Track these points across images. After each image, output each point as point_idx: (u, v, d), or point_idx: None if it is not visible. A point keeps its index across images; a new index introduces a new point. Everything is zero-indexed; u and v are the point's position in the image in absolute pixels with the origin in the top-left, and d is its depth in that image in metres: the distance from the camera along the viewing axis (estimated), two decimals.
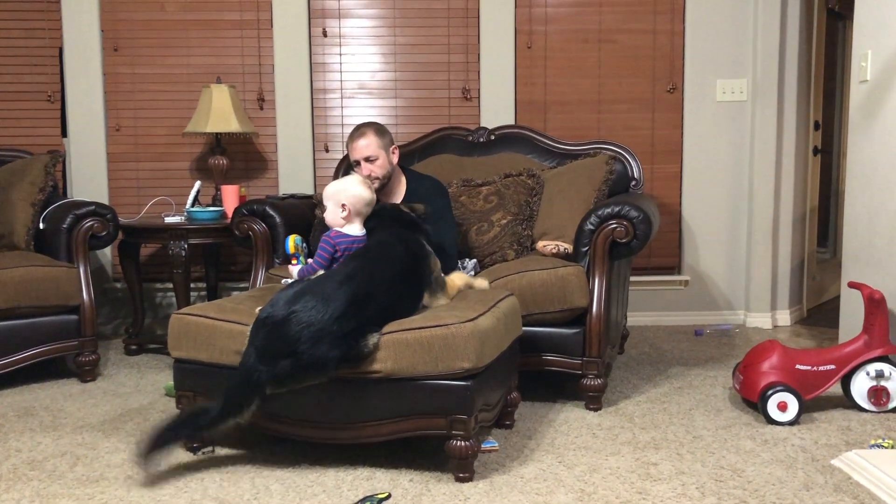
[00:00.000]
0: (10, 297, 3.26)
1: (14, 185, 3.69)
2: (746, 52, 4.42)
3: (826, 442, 2.67)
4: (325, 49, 4.41)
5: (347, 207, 2.74)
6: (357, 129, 3.16)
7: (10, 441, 2.76)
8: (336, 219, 2.76)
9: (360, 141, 3.11)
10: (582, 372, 3.02)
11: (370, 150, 3.11)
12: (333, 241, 2.71)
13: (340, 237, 2.73)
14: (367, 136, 3.12)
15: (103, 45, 4.34)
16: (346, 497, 2.27)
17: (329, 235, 2.74)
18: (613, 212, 3.08)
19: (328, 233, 2.75)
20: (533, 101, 4.45)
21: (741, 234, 4.53)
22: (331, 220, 2.77)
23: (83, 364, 3.47)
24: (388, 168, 3.14)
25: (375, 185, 3.07)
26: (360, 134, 3.13)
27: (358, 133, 3.13)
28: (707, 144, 4.49)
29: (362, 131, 3.13)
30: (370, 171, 3.09)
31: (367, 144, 3.11)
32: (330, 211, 2.77)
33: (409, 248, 2.62)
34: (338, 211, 2.75)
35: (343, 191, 2.76)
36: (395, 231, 2.70)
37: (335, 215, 2.76)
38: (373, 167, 3.11)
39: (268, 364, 2.28)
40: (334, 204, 2.76)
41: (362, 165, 3.11)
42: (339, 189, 2.77)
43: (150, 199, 4.25)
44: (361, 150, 3.11)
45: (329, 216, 2.78)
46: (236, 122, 4.01)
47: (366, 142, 3.11)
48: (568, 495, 2.28)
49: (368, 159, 3.10)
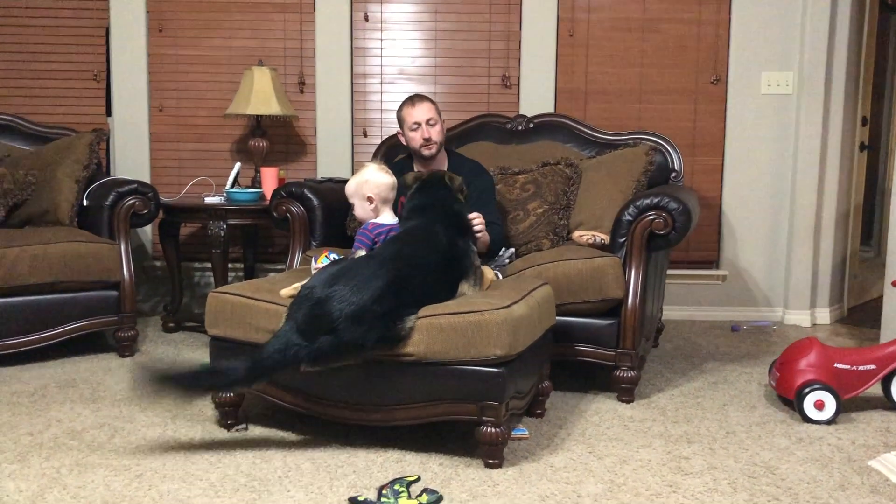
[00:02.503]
0: (53, 271, 3.33)
1: (60, 163, 3.76)
2: (793, 44, 4.33)
3: (864, 443, 2.62)
4: (366, 34, 4.41)
5: (373, 198, 2.76)
6: (413, 97, 3.28)
7: (51, 411, 2.83)
8: (366, 212, 2.78)
9: (422, 104, 3.22)
10: (615, 364, 3.01)
11: (432, 112, 3.21)
12: (372, 234, 2.73)
13: (377, 227, 2.75)
14: (427, 102, 3.24)
15: (148, 26, 4.39)
16: (375, 478, 2.29)
17: (366, 228, 2.76)
18: (652, 203, 3.04)
19: (364, 225, 2.77)
20: (573, 90, 4.41)
21: (782, 230, 4.45)
22: (362, 215, 2.80)
23: (122, 339, 3.54)
24: (443, 137, 3.24)
25: (432, 150, 3.18)
26: (420, 99, 3.24)
27: (418, 99, 3.25)
28: (750, 138, 4.41)
29: (421, 98, 3.26)
30: (430, 135, 3.17)
31: (429, 108, 3.22)
32: (358, 206, 2.80)
33: (451, 237, 2.62)
34: (366, 205, 2.77)
35: (364, 183, 2.78)
36: (438, 216, 2.69)
37: (364, 209, 2.78)
38: (432, 131, 3.19)
39: (308, 339, 2.31)
40: (360, 199, 2.78)
41: (423, 128, 3.18)
42: (360, 182, 2.79)
43: (190, 180, 4.31)
44: (424, 112, 3.20)
45: (359, 212, 2.81)
46: (277, 104, 4.04)
47: (428, 105, 3.23)
48: (597, 485, 2.27)
49: (429, 122, 3.19)
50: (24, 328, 3.34)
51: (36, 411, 2.82)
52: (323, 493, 2.19)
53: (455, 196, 2.81)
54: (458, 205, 2.80)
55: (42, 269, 3.30)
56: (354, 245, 2.74)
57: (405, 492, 2.16)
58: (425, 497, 2.14)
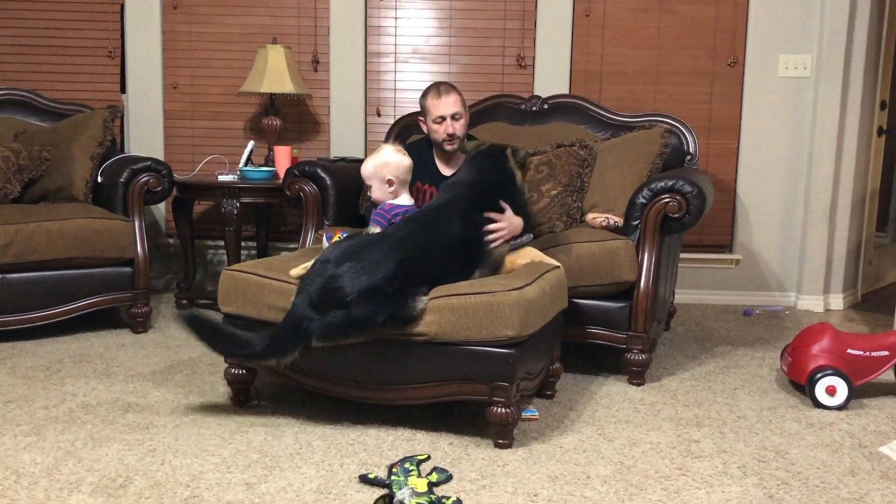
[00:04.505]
0: (68, 247, 3.35)
1: (74, 139, 3.77)
2: (812, 26, 4.28)
3: (875, 429, 2.61)
4: (380, 12, 4.39)
5: (393, 180, 2.75)
6: (439, 86, 3.10)
7: (66, 385, 2.86)
8: (384, 194, 2.77)
9: (448, 97, 3.06)
10: (626, 346, 3.00)
11: (458, 106, 3.07)
12: (389, 214, 2.72)
13: (394, 208, 2.74)
14: (453, 94, 3.07)
15: (163, 3, 4.38)
16: (386, 456, 2.30)
17: (382, 208, 2.75)
18: (667, 186, 3.03)
19: (381, 206, 2.76)
20: (589, 71, 4.38)
21: (797, 215, 4.41)
22: (380, 197, 2.79)
23: (136, 316, 3.56)
24: (467, 129, 3.13)
25: (455, 146, 3.07)
26: (446, 90, 3.07)
27: (444, 89, 3.08)
28: (766, 121, 4.37)
29: (447, 88, 3.09)
30: (454, 130, 3.05)
31: (455, 101, 3.07)
32: (376, 188, 2.78)
33: (468, 220, 2.59)
34: (385, 187, 2.77)
35: (385, 165, 2.77)
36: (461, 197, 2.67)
37: (383, 192, 2.77)
38: (457, 125, 3.06)
39: (319, 313, 2.32)
40: (379, 181, 2.77)
41: (447, 123, 3.06)
42: (380, 165, 2.77)
43: (204, 157, 4.32)
44: (450, 106, 3.05)
45: (377, 194, 2.79)
46: (290, 83, 4.03)
47: (454, 98, 3.07)
48: (607, 467, 2.27)
49: (455, 116, 3.06)
50: (40, 303, 3.37)
51: (51, 385, 2.86)
52: (334, 470, 2.21)
53: (510, 171, 2.76)
54: (507, 180, 2.73)
55: (57, 244, 3.33)
56: (370, 225, 2.73)
57: (415, 470, 2.17)
58: (435, 476, 2.15)
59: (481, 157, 2.81)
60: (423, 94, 3.17)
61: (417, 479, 2.11)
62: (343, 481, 2.15)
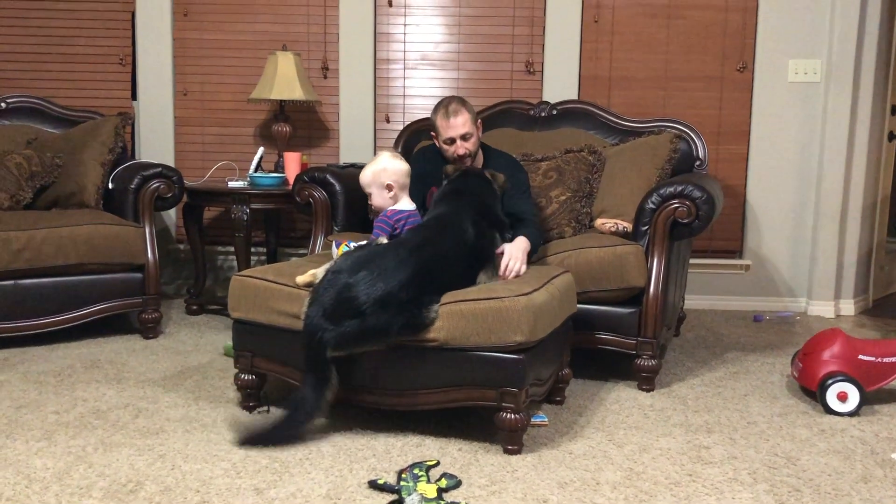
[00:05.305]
0: (79, 253, 3.37)
1: (86, 146, 3.80)
2: (822, 31, 4.27)
3: (887, 435, 2.60)
4: (389, 18, 4.40)
5: (392, 185, 2.76)
6: (448, 105, 3.00)
7: (77, 391, 2.87)
8: (385, 200, 2.78)
9: (457, 118, 2.96)
10: (636, 352, 3.00)
11: (467, 126, 2.97)
12: (391, 220, 2.73)
13: (396, 213, 2.75)
14: (462, 114, 2.96)
15: (174, 10, 4.41)
16: (395, 462, 2.30)
17: (385, 215, 2.76)
18: (676, 191, 3.02)
19: (384, 212, 2.77)
20: (597, 77, 4.38)
21: (807, 220, 4.40)
22: (380, 204, 2.79)
23: (146, 321, 3.58)
24: (478, 144, 3.06)
25: (467, 164, 3.00)
26: (455, 111, 2.96)
27: (453, 110, 2.97)
28: (776, 126, 4.36)
29: (456, 108, 2.97)
30: (465, 150, 2.98)
31: (464, 122, 2.96)
32: (376, 195, 2.79)
33: (479, 228, 2.62)
34: (384, 193, 2.77)
35: (382, 171, 2.77)
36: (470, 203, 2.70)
37: (383, 198, 2.78)
38: (468, 145, 2.99)
39: (334, 323, 2.32)
40: (378, 187, 2.78)
41: (457, 144, 2.98)
42: (378, 171, 2.78)
43: (214, 164, 4.34)
44: (459, 127, 2.96)
45: (377, 201, 2.80)
46: (300, 89, 4.05)
47: (463, 119, 2.96)
48: (616, 473, 2.27)
49: (464, 137, 2.98)
50: (51, 309, 3.39)
51: (62, 390, 2.87)
52: (343, 475, 2.21)
53: (493, 191, 2.80)
54: (493, 198, 2.79)
55: (68, 250, 3.35)
56: (374, 232, 2.74)
57: (424, 476, 2.17)
58: (444, 482, 2.15)
59: (470, 175, 2.85)
60: (433, 110, 3.08)
61: (427, 485, 2.11)
62: (352, 487, 2.15)
